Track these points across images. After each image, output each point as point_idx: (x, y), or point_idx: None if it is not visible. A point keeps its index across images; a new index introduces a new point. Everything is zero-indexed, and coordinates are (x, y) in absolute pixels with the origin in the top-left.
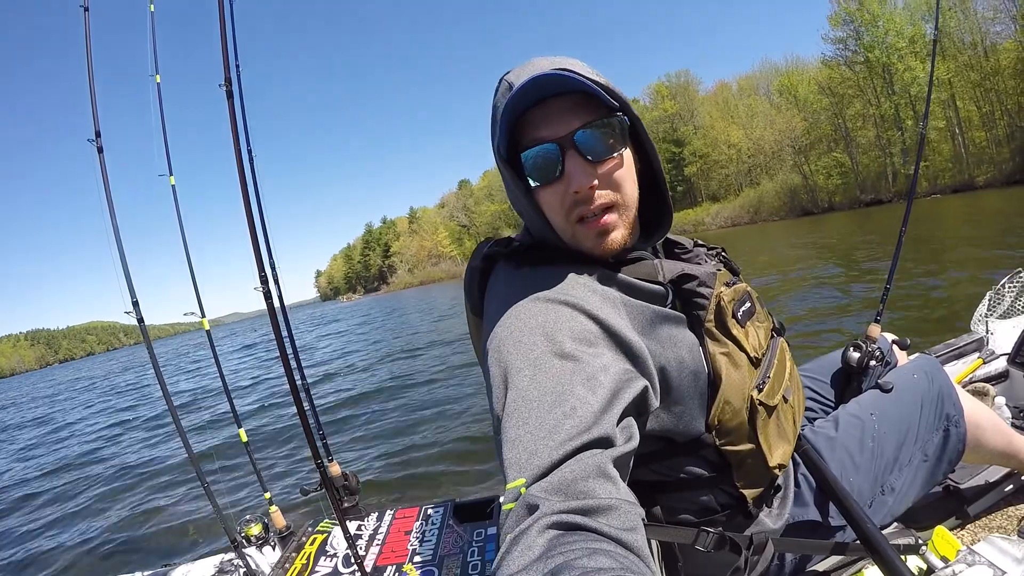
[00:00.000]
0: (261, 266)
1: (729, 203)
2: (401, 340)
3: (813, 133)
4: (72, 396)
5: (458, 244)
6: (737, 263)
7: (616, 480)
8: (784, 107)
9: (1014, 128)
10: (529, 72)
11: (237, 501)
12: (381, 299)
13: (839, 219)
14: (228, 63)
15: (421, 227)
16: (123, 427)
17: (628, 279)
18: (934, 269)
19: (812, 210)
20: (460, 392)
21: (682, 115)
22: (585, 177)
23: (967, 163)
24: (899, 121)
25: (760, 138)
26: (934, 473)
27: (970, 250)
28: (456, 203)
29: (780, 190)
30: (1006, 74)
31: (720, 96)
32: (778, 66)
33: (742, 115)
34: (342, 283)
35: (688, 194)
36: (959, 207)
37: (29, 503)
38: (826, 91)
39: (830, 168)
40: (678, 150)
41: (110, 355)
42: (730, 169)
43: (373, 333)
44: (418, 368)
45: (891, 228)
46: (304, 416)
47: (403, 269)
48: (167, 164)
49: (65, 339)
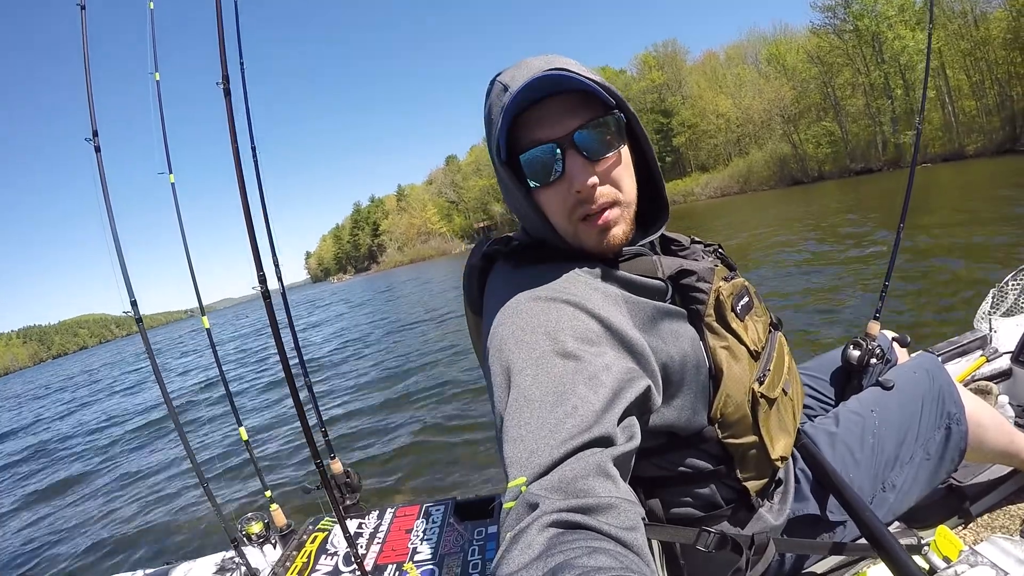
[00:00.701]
0: (259, 265)
1: (718, 173)
2: (401, 332)
3: (802, 102)
4: (67, 395)
5: (447, 220)
6: (733, 259)
7: (616, 479)
8: (773, 76)
9: (1004, 97)
10: (524, 73)
11: (238, 499)
12: (372, 278)
13: (829, 188)
14: (225, 61)
15: (409, 204)
16: (122, 426)
17: (628, 276)
18: (930, 254)
19: (802, 179)
20: (462, 390)
21: (670, 85)
22: (586, 176)
23: (957, 132)
24: (889, 90)
25: (749, 107)
26: (936, 472)
27: (966, 229)
28: (444, 179)
29: (769, 159)
30: (996, 43)
31: (708, 65)
32: (766, 35)
33: (730, 85)
34: (332, 264)
35: (677, 164)
36: (950, 176)
37: (29, 502)
38: (815, 60)
39: (820, 137)
40: (666, 120)
41: (104, 347)
42: (719, 139)
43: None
44: (421, 365)
45: (882, 197)
46: (304, 418)
47: (393, 248)
48: (167, 162)
49: (57, 334)
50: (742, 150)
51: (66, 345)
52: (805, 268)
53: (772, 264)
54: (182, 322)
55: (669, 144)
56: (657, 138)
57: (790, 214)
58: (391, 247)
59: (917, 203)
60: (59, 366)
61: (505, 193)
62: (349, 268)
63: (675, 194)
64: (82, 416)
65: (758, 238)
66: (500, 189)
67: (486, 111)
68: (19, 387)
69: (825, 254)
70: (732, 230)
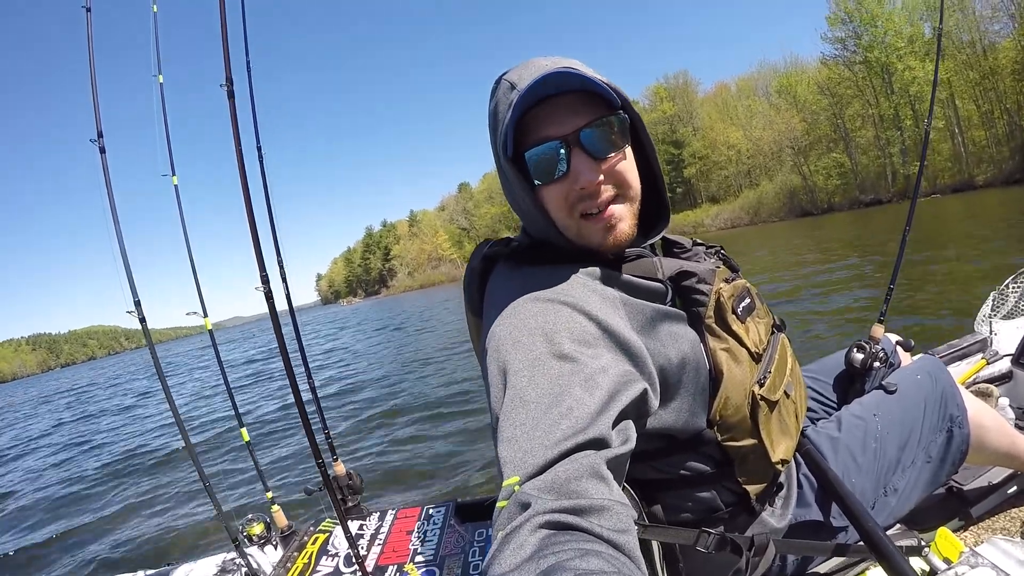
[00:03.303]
0: (262, 265)
1: (729, 204)
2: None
3: (812, 134)
4: (74, 399)
5: (458, 247)
6: (736, 261)
7: (609, 481)
8: (783, 108)
9: (1013, 127)
10: (532, 71)
11: (239, 500)
12: (382, 302)
13: (839, 220)
14: (228, 63)
15: (421, 230)
16: (122, 425)
17: (628, 277)
18: (936, 269)
19: (812, 211)
20: (464, 393)
21: (681, 117)
22: (591, 173)
23: (967, 162)
24: (898, 121)
25: (759, 139)
26: (937, 474)
27: (973, 250)
28: (456, 206)
29: (779, 191)
30: (1005, 73)
31: (719, 97)
32: (777, 67)
33: (741, 116)
34: (343, 286)
35: (688, 196)
36: (959, 207)
37: (29, 502)
38: (825, 91)
39: (829, 169)
40: (677, 152)
41: (112, 359)
42: (729, 170)
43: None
44: (423, 368)
45: (891, 228)
46: (307, 419)
47: (403, 272)
48: (170, 164)
49: (67, 343)
50: (752, 181)
51: (75, 354)
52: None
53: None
54: (192, 337)
55: (680, 175)
56: (668, 169)
57: (801, 245)
58: (401, 272)
59: (927, 234)
60: (70, 373)
61: (508, 191)
62: (359, 291)
63: (685, 225)
64: (84, 416)
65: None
66: (503, 188)
67: (491, 109)
68: (34, 391)
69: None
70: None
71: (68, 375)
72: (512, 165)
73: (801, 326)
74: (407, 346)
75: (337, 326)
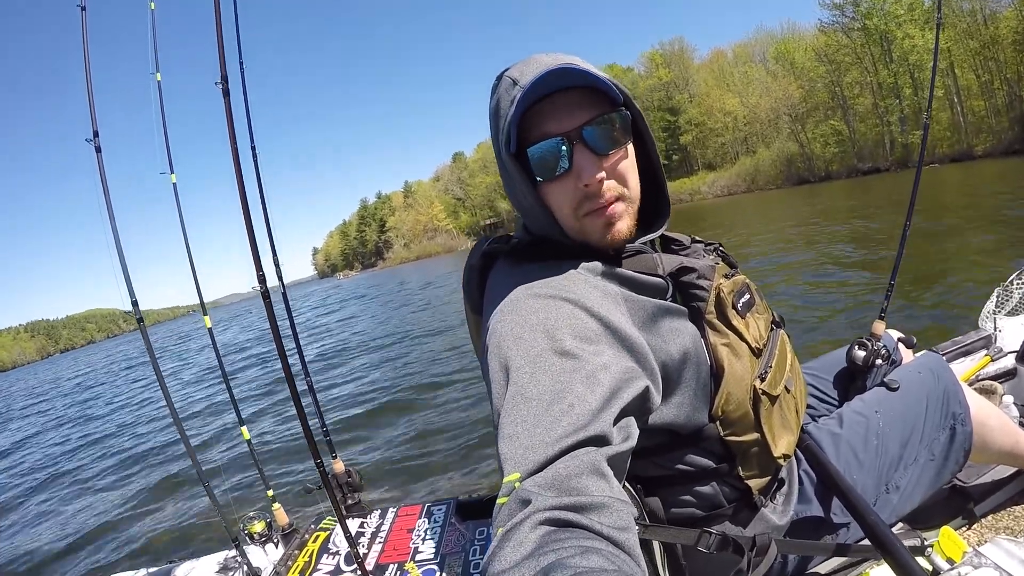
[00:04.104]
0: (259, 265)
1: (725, 172)
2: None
3: (810, 101)
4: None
5: (454, 217)
6: (734, 256)
7: (610, 478)
8: (780, 75)
9: (1013, 97)
10: (534, 68)
11: (240, 499)
12: (378, 274)
13: (837, 188)
14: (223, 61)
15: (416, 201)
16: (123, 425)
17: (629, 273)
18: (937, 258)
19: (809, 179)
20: (464, 390)
21: (677, 83)
22: (594, 170)
23: (965, 132)
24: (897, 89)
25: (756, 106)
26: (940, 472)
27: (974, 233)
28: (451, 176)
29: (777, 158)
30: (1005, 43)
31: (715, 64)
32: (774, 33)
33: (738, 83)
34: (339, 260)
35: (684, 163)
36: (958, 177)
37: (30, 501)
38: (823, 58)
39: (827, 136)
40: (673, 119)
41: (111, 342)
42: (726, 137)
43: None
44: (423, 365)
45: (890, 198)
46: (304, 418)
47: (399, 244)
48: (168, 162)
49: (65, 329)
50: (749, 149)
51: (74, 339)
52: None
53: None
54: (188, 317)
55: (676, 142)
56: (664, 136)
57: (799, 215)
58: (397, 244)
59: (925, 204)
60: (68, 359)
61: (509, 187)
62: (356, 264)
63: (682, 192)
64: (86, 413)
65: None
66: (503, 184)
67: (493, 105)
68: (33, 381)
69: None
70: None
71: (67, 362)
72: (514, 161)
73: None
74: (408, 334)
75: (337, 302)
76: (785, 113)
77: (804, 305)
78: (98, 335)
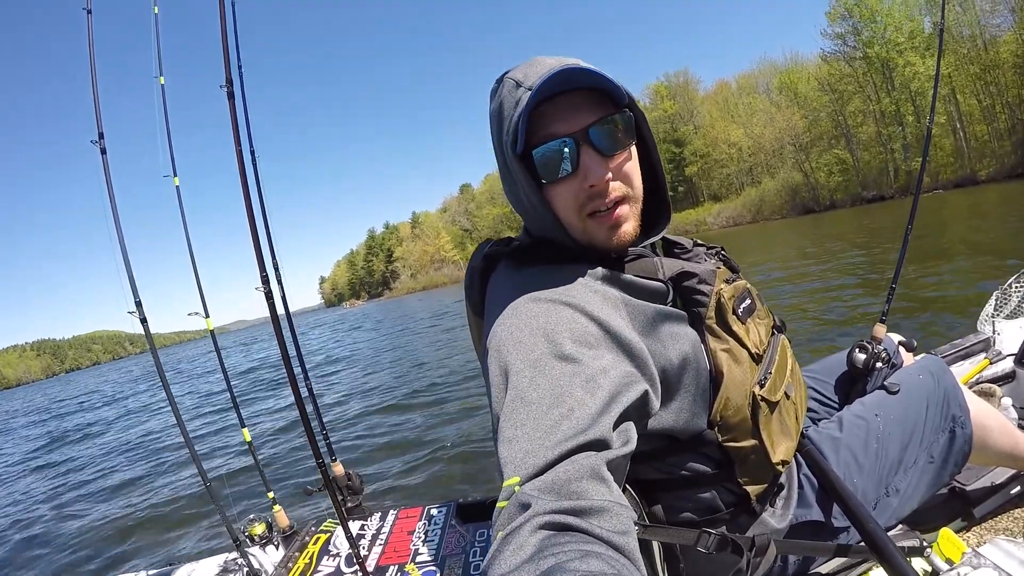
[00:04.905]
0: (262, 266)
1: (731, 202)
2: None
3: (813, 130)
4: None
5: (460, 248)
6: (736, 261)
7: (610, 482)
8: (784, 105)
9: (1015, 121)
10: (539, 69)
11: (241, 501)
12: (385, 304)
13: (842, 216)
14: (228, 64)
15: (423, 232)
16: (126, 426)
17: (629, 278)
18: (939, 268)
19: (814, 208)
20: (464, 392)
21: (682, 115)
22: (600, 171)
23: (969, 157)
24: (900, 117)
25: (760, 136)
26: (940, 475)
27: (976, 248)
28: (458, 207)
29: (781, 188)
30: (1006, 67)
31: (720, 95)
32: (777, 63)
33: (742, 114)
34: (346, 289)
35: (689, 194)
36: (962, 202)
37: (31, 502)
38: (826, 88)
39: (831, 165)
40: (679, 150)
41: (116, 364)
42: (731, 168)
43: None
44: (424, 368)
45: (894, 224)
46: (307, 419)
47: (406, 274)
48: (171, 165)
49: (71, 349)
50: (754, 179)
51: (79, 360)
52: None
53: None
54: (197, 341)
55: (681, 174)
56: (670, 167)
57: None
58: (404, 274)
59: (927, 231)
60: (75, 378)
61: (512, 189)
62: (362, 293)
63: (687, 223)
64: (88, 419)
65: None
66: (504, 188)
67: (495, 107)
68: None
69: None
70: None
71: (74, 380)
72: (519, 162)
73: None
74: (408, 346)
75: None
76: (789, 143)
77: (804, 307)
78: (104, 356)
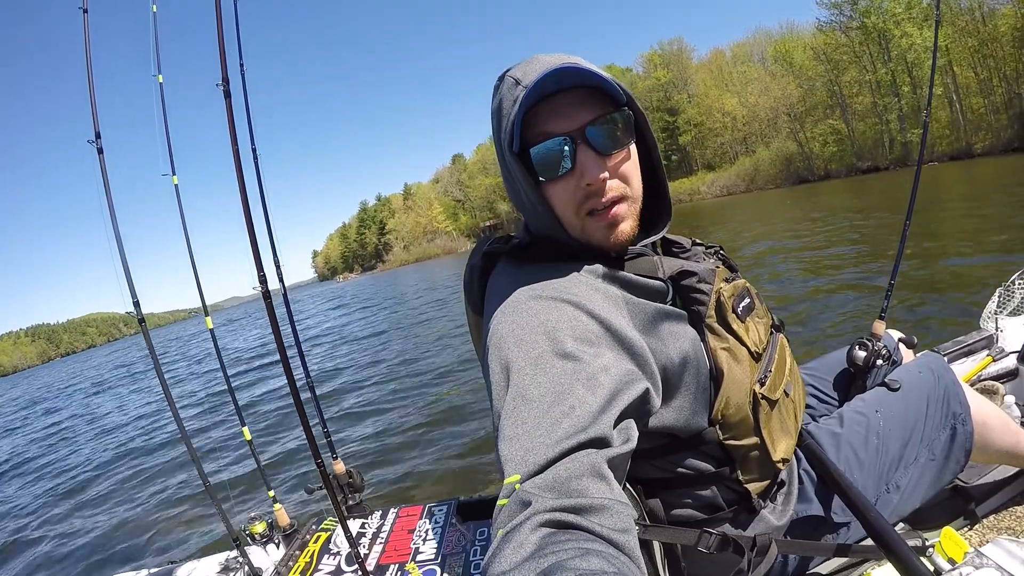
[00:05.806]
0: (260, 265)
1: (724, 172)
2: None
3: (808, 100)
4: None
5: (453, 219)
6: (735, 261)
7: (610, 480)
8: (779, 74)
9: (1012, 95)
10: (537, 67)
11: (241, 499)
12: (378, 277)
13: (836, 186)
14: (225, 62)
15: (416, 203)
16: (124, 426)
17: (629, 276)
18: (936, 251)
19: (808, 178)
20: (465, 390)
21: (676, 83)
22: (597, 170)
23: (964, 130)
24: (896, 87)
25: (755, 106)
26: (942, 472)
27: (973, 230)
28: (450, 178)
29: (776, 158)
30: (1004, 40)
31: (714, 64)
32: (772, 32)
33: (736, 83)
34: (339, 263)
35: (683, 163)
36: (957, 175)
37: (32, 502)
38: (821, 57)
39: (826, 135)
40: (672, 119)
41: (112, 345)
42: (725, 137)
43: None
44: (425, 365)
45: (890, 196)
46: (306, 418)
47: (399, 246)
48: (170, 164)
49: (66, 333)
50: (748, 148)
51: (75, 343)
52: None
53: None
54: (188, 321)
55: (675, 142)
56: (663, 136)
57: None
58: (397, 246)
59: (924, 203)
60: (70, 363)
61: (511, 187)
62: (355, 267)
63: (681, 192)
64: (87, 414)
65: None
66: (505, 184)
67: (495, 105)
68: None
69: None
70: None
71: (68, 366)
72: (517, 160)
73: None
74: (406, 340)
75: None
76: (784, 112)
77: (803, 307)
78: (99, 339)
